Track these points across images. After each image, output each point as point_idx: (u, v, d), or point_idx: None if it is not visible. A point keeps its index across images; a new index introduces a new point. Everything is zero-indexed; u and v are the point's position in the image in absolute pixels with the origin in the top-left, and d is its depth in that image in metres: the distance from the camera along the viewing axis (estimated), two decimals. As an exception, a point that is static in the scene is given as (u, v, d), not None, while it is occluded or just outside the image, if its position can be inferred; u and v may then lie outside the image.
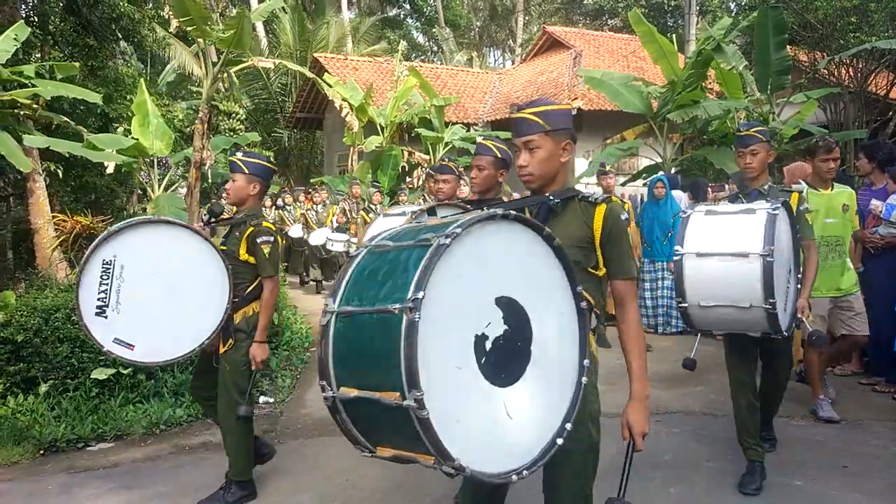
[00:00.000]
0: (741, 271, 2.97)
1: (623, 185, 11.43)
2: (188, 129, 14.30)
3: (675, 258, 3.16)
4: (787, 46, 9.43)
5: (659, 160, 10.36)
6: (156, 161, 8.96)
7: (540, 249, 1.73)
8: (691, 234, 3.17)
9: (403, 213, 3.63)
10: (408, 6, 34.12)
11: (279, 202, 12.57)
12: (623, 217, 2.10)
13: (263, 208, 11.78)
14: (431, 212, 3.13)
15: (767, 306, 2.95)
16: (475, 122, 16.50)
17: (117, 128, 9.85)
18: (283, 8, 18.44)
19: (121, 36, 10.99)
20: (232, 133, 16.82)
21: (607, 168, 7.50)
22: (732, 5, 19.96)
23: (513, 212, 1.65)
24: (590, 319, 1.99)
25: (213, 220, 3.52)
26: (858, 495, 3.37)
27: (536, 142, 2.01)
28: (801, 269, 3.47)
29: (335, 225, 10.35)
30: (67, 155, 7.17)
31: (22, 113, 6.72)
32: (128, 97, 10.30)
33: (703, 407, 4.77)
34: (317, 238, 10.19)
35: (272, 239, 3.37)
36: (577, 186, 13.00)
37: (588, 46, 17.56)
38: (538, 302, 1.69)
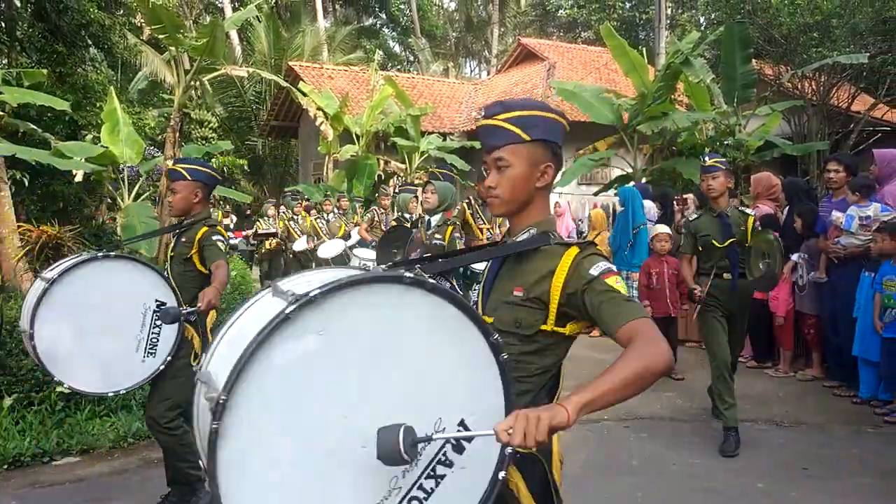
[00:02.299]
0: None
1: (595, 194, 11.60)
2: (160, 136, 14.14)
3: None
4: (753, 60, 9.69)
5: (630, 171, 10.53)
6: (126, 170, 8.84)
7: None
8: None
9: None
10: (384, 16, 34.24)
11: (282, 210, 11.36)
12: None
13: (267, 218, 11.51)
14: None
15: None
16: (451, 131, 16.59)
17: (86, 135, 9.70)
18: (257, 17, 18.37)
19: (90, 42, 10.83)
20: (204, 142, 16.69)
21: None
22: (702, 19, 20.41)
23: None
24: None
25: None
26: (821, 497, 3.46)
27: None
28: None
29: (357, 238, 8.74)
30: (34, 163, 7.05)
31: (-13, 120, 6.60)
32: (97, 104, 10.14)
33: (670, 412, 4.86)
34: (328, 250, 8.54)
35: None
36: (551, 196, 13.22)
37: (562, 58, 17.81)
38: None
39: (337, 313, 1.16)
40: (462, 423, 1.29)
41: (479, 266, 6.15)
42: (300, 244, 9.77)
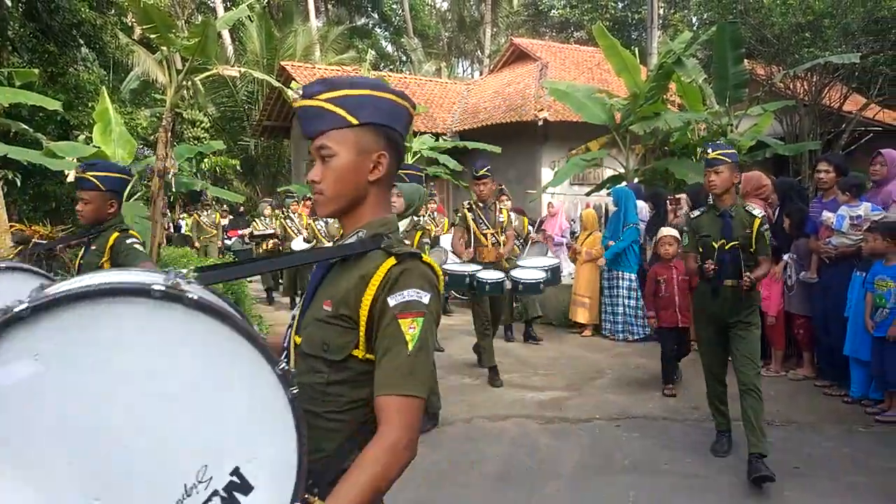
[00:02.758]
0: None
1: (588, 194, 11.63)
2: (152, 136, 14.08)
3: None
4: (745, 60, 9.72)
5: (622, 171, 10.56)
6: (118, 170, 8.78)
7: None
8: None
9: None
10: (376, 16, 34.23)
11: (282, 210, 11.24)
12: None
13: (263, 218, 11.48)
14: None
15: None
16: (444, 132, 16.59)
17: (78, 135, 9.65)
18: (249, 16, 18.32)
19: (82, 42, 10.78)
20: (196, 141, 16.64)
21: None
22: (694, 19, 20.48)
23: None
24: None
25: None
26: (813, 496, 3.49)
27: None
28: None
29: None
30: (26, 163, 7.01)
31: (-23, 120, 6.57)
32: (89, 104, 10.09)
33: (663, 412, 4.88)
34: None
35: None
36: (544, 196, 12.97)
37: (554, 58, 17.84)
38: None
39: (56, 333, 0.94)
40: (237, 472, 1.04)
41: (491, 275, 5.66)
42: (298, 243, 9.71)
